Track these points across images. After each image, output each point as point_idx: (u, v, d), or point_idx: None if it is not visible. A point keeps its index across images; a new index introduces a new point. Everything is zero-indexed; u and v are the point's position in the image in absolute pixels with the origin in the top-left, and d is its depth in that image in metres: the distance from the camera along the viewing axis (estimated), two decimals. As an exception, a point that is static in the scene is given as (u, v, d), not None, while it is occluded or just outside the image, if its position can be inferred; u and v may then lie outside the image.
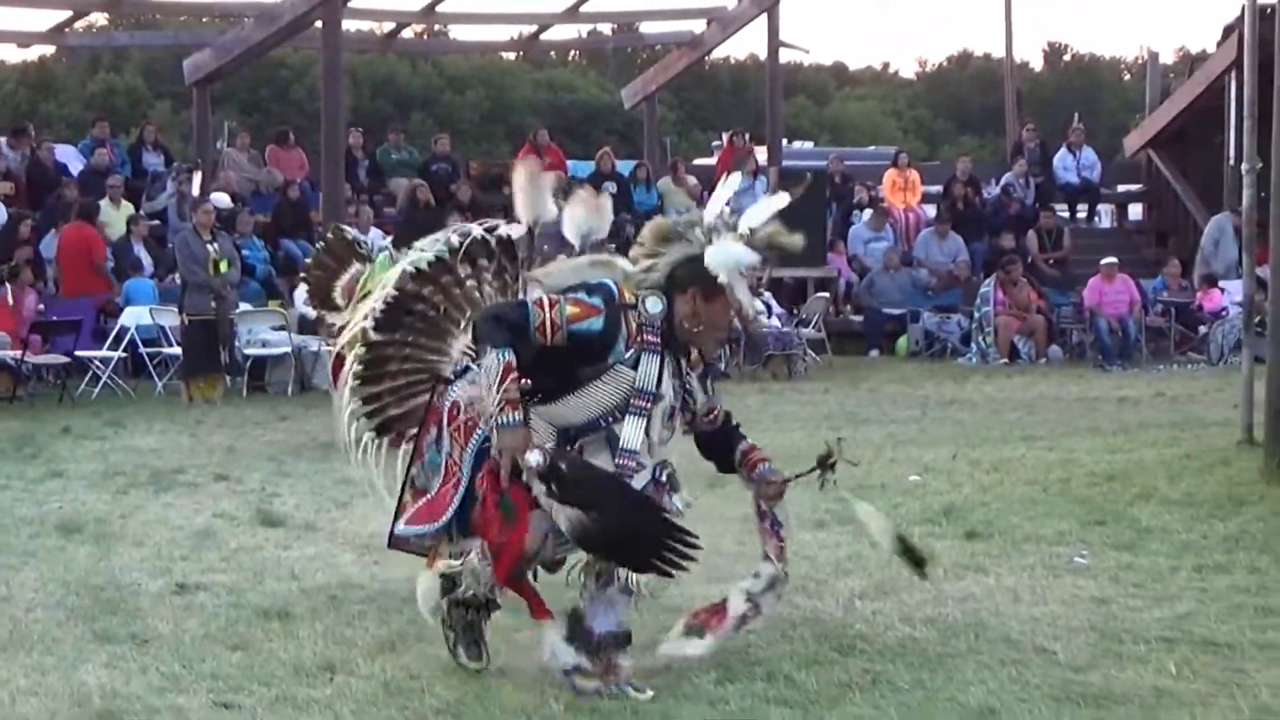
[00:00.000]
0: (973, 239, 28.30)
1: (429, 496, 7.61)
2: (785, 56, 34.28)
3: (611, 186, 28.50)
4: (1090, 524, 11.49)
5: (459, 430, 7.44)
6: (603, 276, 7.50)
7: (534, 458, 7.00)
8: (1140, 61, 59.22)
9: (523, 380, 7.08)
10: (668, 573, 7.18)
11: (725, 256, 7.32)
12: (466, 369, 7.63)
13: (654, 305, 7.31)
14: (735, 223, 7.43)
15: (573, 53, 69.52)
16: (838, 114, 75.43)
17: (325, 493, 13.00)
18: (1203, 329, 26.03)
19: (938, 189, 30.29)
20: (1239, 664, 7.85)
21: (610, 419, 7.28)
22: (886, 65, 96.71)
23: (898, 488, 12.99)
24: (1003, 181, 30.14)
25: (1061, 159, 30.83)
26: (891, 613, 8.98)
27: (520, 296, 7.77)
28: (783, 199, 7.62)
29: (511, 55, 59.35)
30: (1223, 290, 25.95)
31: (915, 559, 7.97)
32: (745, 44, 76.79)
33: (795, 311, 24.76)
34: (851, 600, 9.25)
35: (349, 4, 27.08)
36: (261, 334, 21.65)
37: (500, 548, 7.27)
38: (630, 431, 7.27)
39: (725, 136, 32.97)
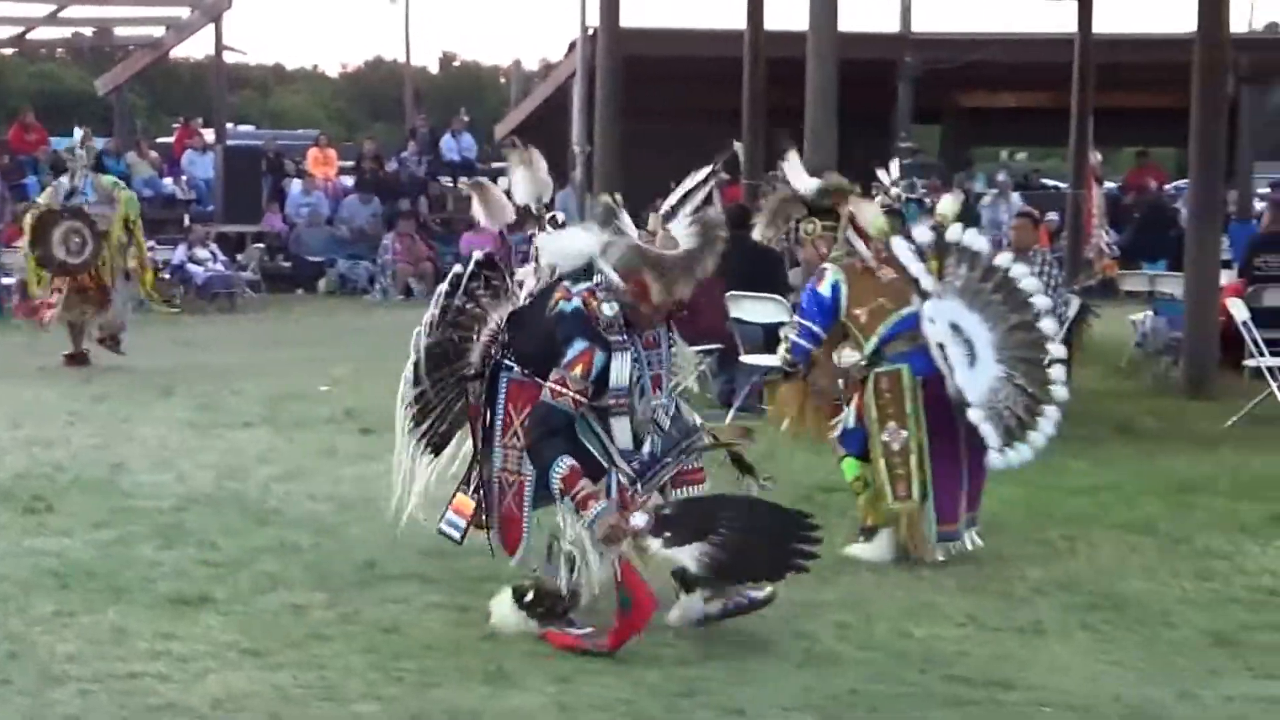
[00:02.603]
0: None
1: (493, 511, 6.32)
2: (231, 57, 33.68)
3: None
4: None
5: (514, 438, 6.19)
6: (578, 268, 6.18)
7: (639, 520, 5.86)
8: (511, 68, 59.78)
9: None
10: (803, 567, 5.99)
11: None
12: (498, 365, 6.32)
13: (610, 309, 6.02)
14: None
15: (59, 50, 66.56)
16: (277, 105, 74.08)
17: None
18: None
19: (353, 163, 30.17)
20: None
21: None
22: (316, 66, 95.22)
23: (311, 395, 12.91)
24: (401, 158, 30.12)
25: (446, 142, 30.86)
26: (300, 492, 8.96)
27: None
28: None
29: (9, 51, 56.58)
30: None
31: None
32: (201, 46, 75.08)
33: (237, 259, 24.31)
34: (268, 483, 9.19)
35: None
36: None
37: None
38: (618, 432, 6.11)
39: (182, 120, 32.13)
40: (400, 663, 5.86)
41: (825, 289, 7.66)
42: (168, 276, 21.89)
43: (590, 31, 15.88)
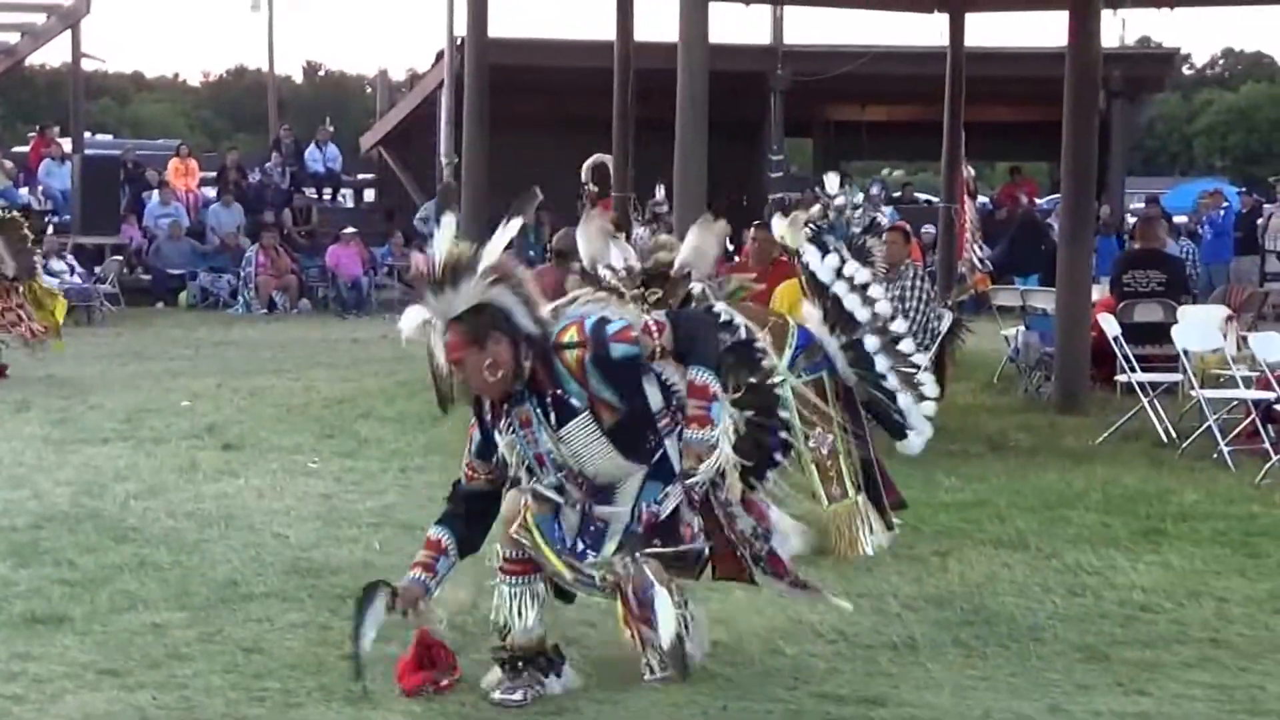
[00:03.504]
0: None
1: None
2: (89, 65, 33.23)
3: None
4: (323, 437, 11.58)
5: None
6: None
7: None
8: (377, 78, 59.52)
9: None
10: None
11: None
12: None
13: None
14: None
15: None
16: (137, 113, 73.27)
17: None
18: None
19: (215, 174, 29.89)
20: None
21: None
22: (177, 75, 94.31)
23: (171, 410, 12.79)
24: (265, 168, 29.89)
25: (311, 153, 30.74)
26: (159, 509, 8.86)
27: None
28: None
29: None
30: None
31: None
32: (57, 53, 73.65)
33: (94, 271, 23.99)
34: (127, 500, 9.09)
35: None
36: None
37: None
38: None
39: (38, 129, 31.62)
40: (262, 682, 5.82)
41: None
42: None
43: (458, 41, 15.84)
